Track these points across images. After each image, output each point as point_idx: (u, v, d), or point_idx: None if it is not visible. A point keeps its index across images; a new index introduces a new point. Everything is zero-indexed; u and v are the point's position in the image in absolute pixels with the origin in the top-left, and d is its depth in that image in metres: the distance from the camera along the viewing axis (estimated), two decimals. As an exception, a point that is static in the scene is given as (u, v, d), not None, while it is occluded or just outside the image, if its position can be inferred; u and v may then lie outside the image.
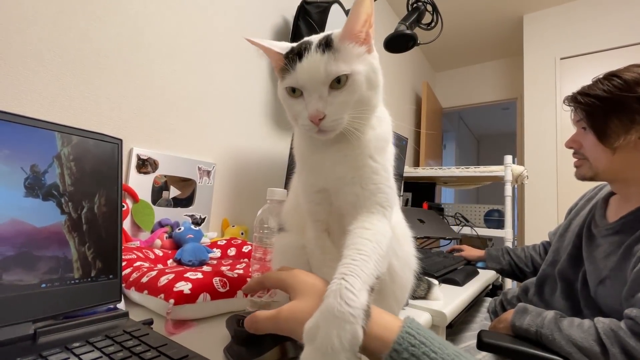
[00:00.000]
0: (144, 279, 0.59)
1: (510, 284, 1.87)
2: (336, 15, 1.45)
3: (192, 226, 0.97)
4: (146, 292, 0.56)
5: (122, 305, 0.51)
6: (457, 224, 2.08)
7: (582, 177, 0.90)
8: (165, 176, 1.05)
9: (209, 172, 1.18)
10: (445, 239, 1.66)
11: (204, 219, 1.16)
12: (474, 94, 3.48)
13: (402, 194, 2.22)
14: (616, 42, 2.35)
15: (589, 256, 0.83)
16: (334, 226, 0.47)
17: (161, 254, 0.82)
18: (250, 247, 0.96)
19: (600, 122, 0.81)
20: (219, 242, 0.98)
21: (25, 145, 0.40)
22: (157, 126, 1.05)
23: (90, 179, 0.46)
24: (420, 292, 0.76)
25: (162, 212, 1.03)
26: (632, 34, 2.29)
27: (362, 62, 0.40)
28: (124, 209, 0.92)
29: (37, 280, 0.40)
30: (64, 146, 0.44)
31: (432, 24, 1.33)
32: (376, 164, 0.44)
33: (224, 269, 0.73)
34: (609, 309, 0.74)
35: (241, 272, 0.69)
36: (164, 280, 0.56)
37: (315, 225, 0.47)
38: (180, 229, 0.95)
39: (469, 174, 2.11)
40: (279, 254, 0.54)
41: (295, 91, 0.41)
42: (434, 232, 1.51)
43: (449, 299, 0.78)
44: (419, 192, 2.36)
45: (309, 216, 0.48)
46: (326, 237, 0.47)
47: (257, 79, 1.41)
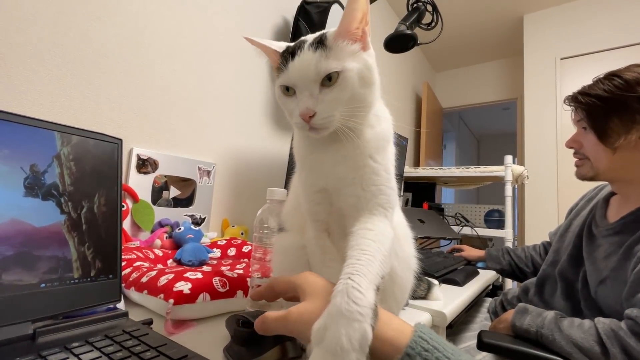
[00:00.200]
0: (144, 279, 0.59)
1: (510, 284, 1.86)
2: (336, 15, 1.45)
3: (192, 226, 0.97)
4: (146, 292, 0.56)
5: (121, 305, 0.51)
6: (457, 224, 2.08)
7: (582, 176, 0.90)
8: (165, 176, 1.05)
9: (209, 172, 1.18)
10: (445, 239, 1.66)
11: (204, 219, 1.16)
12: (474, 94, 3.48)
13: (402, 194, 2.22)
14: (616, 42, 2.35)
15: (589, 256, 0.83)
16: (333, 226, 0.47)
17: (161, 254, 0.82)
18: (250, 247, 0.96)
19: (600, 121, 0.81)
20: (219, 242, 0.98)
21: (25, 145, 0.40)
22: (157, 126, 1.05)
23: (90, 178, 0.46)
24: (420, 292, 0.76)
25: (162, 212, 1.03)
26: (632, 34, 2.29)
27: (355, 59, 0.40)
28: (123, 209, 0.92)
29: (36, 280, 0.40)
30: (63, 146, 0.44)
31: (432, 24, 1.33)
32: (377, 164, 0.43)
33: (223, 269, 0.73)
34: (609, 309, 0.74)
35: (241, 272, 0.69)
36: (163, 280, 0.56)
37: (315, 225, 0.47)
38: (180, 229, 0.95)
39: (469, 174, 2.11)
40: (279, 254, 0.54)
41: (289, 89, 0.41)
42: (434, 232, 1.51)
43: (449, 299, 0.78)
44: (419, 192, 2.36)
45: (308, 216, 0.48)
46: (326, 237, 0.47)
47: (257, 79, 1.41)
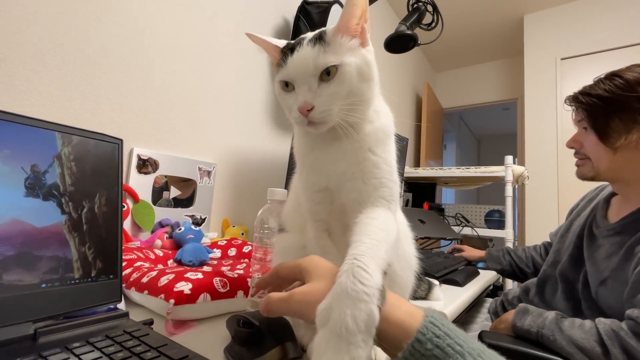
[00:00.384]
0: (144, 279, 0.59)
1: (510, 285, 1.86)
2: (337, 15, 1.44)
3: (193, 226, 0.97)
4: (146, 292, 0.56)
5: (122, 305, 0.51)
6: (458, 225, 2.08)
7: (582, 176, 0.90)
8: (165, 176, 1.05)
9: (209, 172, 1.18)
10: (445, 239, 1.66)
11: (204, 219, 1.16)
12: (474, 94, 3.48)
13: (402, 195, 2.22)
14: (617, 42, 2.34)
15: (590, 257, 0.83)
16: (334, 226, 0.47)
17: (161, 254, 0.82)
18: (250, 248, 0.96)
19: (601, 122, 0.81)
20: (220, 243, 0.98)
21: (25, 145, 0.40)
22: (157, 126, 1.05)
23: (90, 179, 0.46)
24: (420, 292, 0.76)
25: (162, 213, 1.03)
26: (633, 34, 2.29)
27: (353, 54, 0.40)
28: (124, 209, 0.92)
29: (37, 280, 0.40)
30: (64, 146, 0.44)
31: (433, 24, 1.33)
32: (376, 157, 0.43)
33: (224, 269, 0.73)
34: (610, 309, 0.74)
35: (241, 272, 0.69)
36: (164, 280, 0.56)
37: (315, 225, 0.47)
38: (180, 229, 0.95)
39: (469, 175, 2.11)
40: (279, 254, 0.54)
41: (288, 85, 0.42)
42: (434, 233, 1.51)
43: (449, 300, 0.78)
44: (420, 193, 2.36)
45: (309, 216, 0.48)
46: (327, 237, 0.47)
47: (257, 79, 1.41)
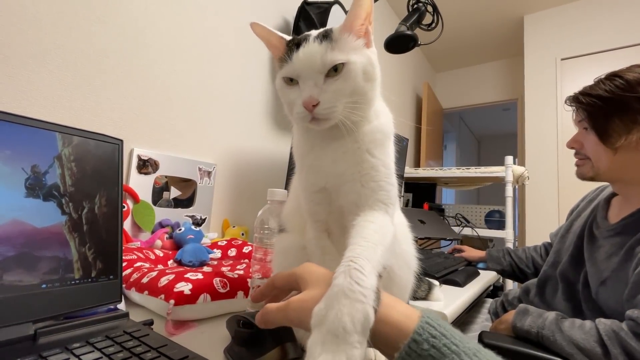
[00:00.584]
0: (145, 280, 0.59)
1: (511, 285, 1.86)
2: (337, 15, 1.45)
3: (193, 227, 0.97)
4: (146, 292, 0.56)
5: (122, 305, 0.51)
6: (458, 225, 2.08)
7: (582, 176, 0.90)
8: (165, 177, 1.05)
9: (209, 173, 1.18)
10: (445, 239, 1.65)
11: (204, 220, 1.16)
12: (474, 95, 3.48)
13: (402, 195, 2.22)
14: (617, 42, 2.34)
15: (590, 257, 0.83)
16: (333, 226, 0.47)
17: (162, 255, 0.82)
18: (250, 248, 0.96)
19: (601, 122, 0.81)
20: (220, 243, 0.98)
21: (26, 145, 0.40)
22: (157, 127, 1.05)
23: (91, 179, 0.46)
24: (420, 293, 0.76)
25: (162, 213, 1.03)
26: (633, 34, 2.29)
27: (359, 53, 0.41)
28: (124, 209, 0.92)
29: (37, 280, 0.40)
30: (64, 147, 0.44)
31: (433, 25, 1.33)
32: (375, 159, 0.43)
33: (224, 269, 0.73)
34: (610, 310, 0.74)
35: (242, 272, 0.69)
36: (164, 280, 0.56)
37: (315, 225, 0.47)
38: (180, 229, 0.95)
39: (469, 175, 2.11)
40: (279, 254, 0.54)
41: (292, 81, 0.42)
42: (434, 233, 1.51)
43: (449, 300, 0.78)
44: (420, 193, 2.36)
45: (309, 216, 0.48)
46: (326, 238, 0.47)
47: (257, 79, 1.41)
